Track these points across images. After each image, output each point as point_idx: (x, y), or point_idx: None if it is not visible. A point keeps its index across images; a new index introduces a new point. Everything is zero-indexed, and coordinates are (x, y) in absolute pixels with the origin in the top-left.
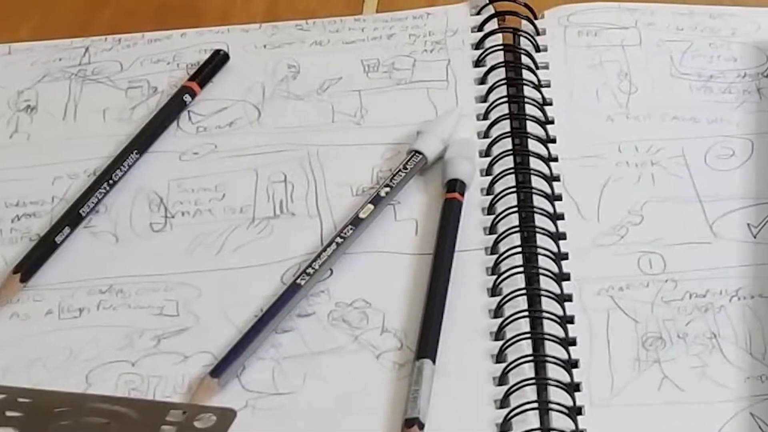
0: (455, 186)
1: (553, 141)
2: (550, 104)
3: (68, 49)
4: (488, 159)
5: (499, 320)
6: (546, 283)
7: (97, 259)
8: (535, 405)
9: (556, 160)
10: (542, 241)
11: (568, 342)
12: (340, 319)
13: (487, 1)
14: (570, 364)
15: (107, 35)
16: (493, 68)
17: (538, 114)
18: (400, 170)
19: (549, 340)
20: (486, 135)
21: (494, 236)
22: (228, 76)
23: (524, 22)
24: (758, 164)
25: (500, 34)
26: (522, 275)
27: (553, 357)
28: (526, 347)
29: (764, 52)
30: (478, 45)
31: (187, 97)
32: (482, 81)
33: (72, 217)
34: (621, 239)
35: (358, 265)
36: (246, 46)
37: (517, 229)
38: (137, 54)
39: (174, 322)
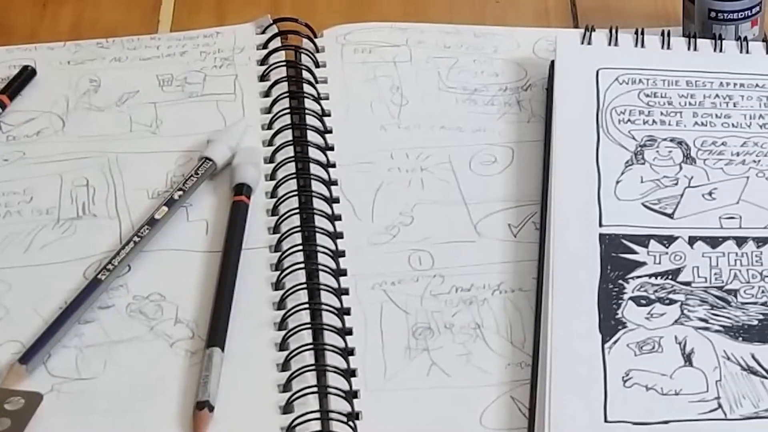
0: (242, 190)
1: (332, 149)
2: (329, 115)
3: None
4: (272, 165)
5: (282, 312)
6: (325, 278)
7: None
8: (315, 389)
9: (334, 166)
10: (321, 239)
11: (345, 332)
12: (138, 311)
13: (271, 21)
14: (347, 352)
15: None
16: (276, 82)
17: (318, 124)
18: (192, 175)
19: (328, 330)
20: (270, 143)
21: (278, 235)
22: (35, 89)
23: (305, 40)
24: (518, 170)
25: (283, 52)
26: (303, 271)
27: (332, 345)
28: (307, 336)
29: (524, 67)
30: (263, 61)
31: None
32: (267, 94)
33: None
34: (393, 238)
35: (153, 262)
36: (52, 62)
37: (299, 228)
38: None
39: None
